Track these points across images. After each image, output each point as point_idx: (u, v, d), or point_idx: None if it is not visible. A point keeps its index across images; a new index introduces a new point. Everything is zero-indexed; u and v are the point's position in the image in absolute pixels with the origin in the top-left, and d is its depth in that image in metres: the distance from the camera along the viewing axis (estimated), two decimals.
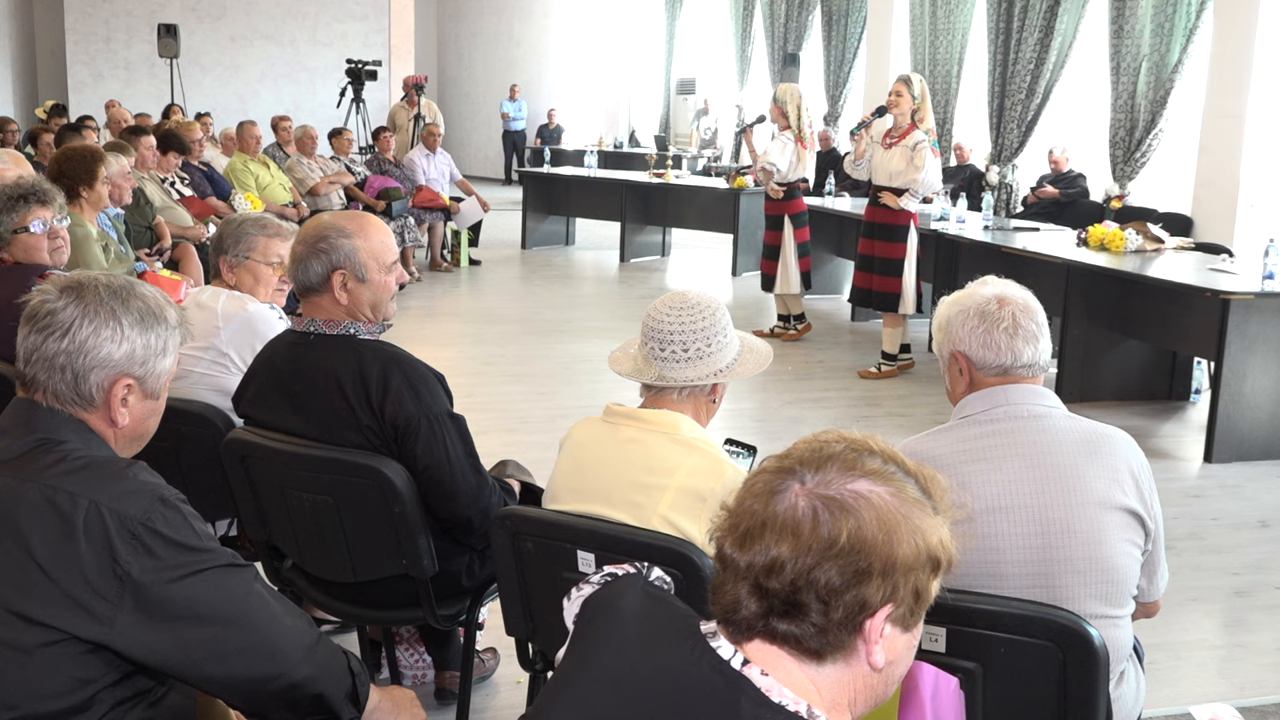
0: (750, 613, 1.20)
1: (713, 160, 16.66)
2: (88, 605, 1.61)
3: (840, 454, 1.23)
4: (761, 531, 1.19)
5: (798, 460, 1.23)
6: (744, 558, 1.19)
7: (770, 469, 1.24)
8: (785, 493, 1.20)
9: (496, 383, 6.85)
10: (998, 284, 2.29)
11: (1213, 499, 5.22)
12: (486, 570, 2.78)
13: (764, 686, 1.18)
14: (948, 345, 2.27)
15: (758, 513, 1.20)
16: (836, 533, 1.17)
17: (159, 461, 1.87)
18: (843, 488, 1.20)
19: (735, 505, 1.23)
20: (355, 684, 1.85)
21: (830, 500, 1.19)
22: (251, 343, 3.08)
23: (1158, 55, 9.20)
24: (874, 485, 1.21)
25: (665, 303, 2.35)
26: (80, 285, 1.78)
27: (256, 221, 3.34)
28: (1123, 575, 2.14)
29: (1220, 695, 3.46)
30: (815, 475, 1.21)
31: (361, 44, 18.20)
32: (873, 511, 1.18)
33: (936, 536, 1.22)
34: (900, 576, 1.19)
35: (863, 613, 1.18)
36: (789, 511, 1.19)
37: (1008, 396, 2.19)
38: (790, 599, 1.18)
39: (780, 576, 1.17)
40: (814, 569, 1.17)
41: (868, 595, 1.18)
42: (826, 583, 1.17)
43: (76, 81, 17.43)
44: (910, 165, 6.79)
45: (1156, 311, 6.31)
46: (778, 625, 1.19)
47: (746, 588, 1.19)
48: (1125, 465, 2.16)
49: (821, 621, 1.18)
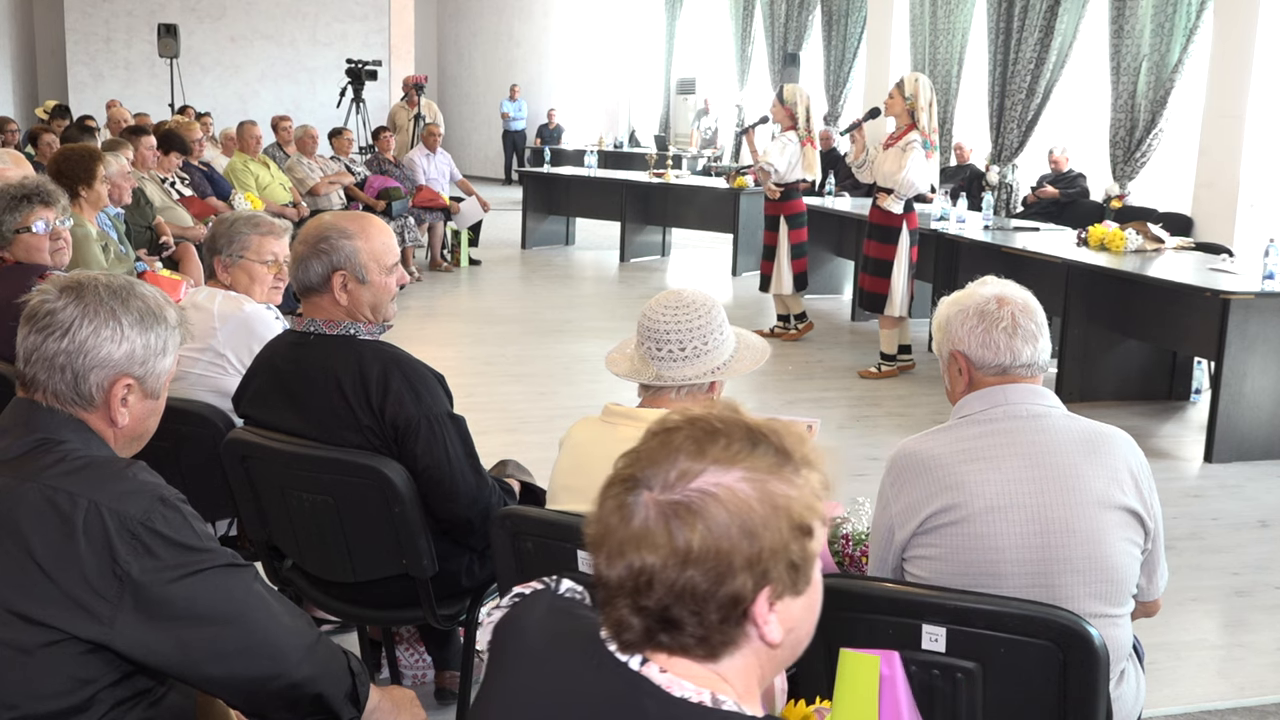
0: (636, 633, 1.19)
1: (713, 160, 16.66)
2: (87, 605, 1.61)
3: (683, 445, 1.19)
4: (623, 550, 1.17)
5: (645, 462, 1.19)
6: (614, 576, 1.18)
7: (621, 476, 1.21)
8: (637, 505, 1.17)
9: (496, 383, 6.85)
10: (997, 284, 2.29)
11: (1213, 499, 5.22)
12: (486, 570, 2.78)
13: (663, 683, 1.17)
14: (947, 345, 2.28)
15: (615, 529, 1.18)
16: (689, 540, 1.15)
17: (159, 461, 1.86)
18: (687, 489, 1.16)
19: (597, 522, 1.21)
20: (355, 684, 1.85)
21: (678, 506, 1.16)
22: (248, 343, 3.08)
23: (1158, 55, 9.20)
24: (722, 475, 1.17)
25: (660, 302, 2.34)
26: (80, 285, 1.78)
27: (249, 220, 3.33)
28: (1122, 574, 2.14)
29: (1220, 695, 3.47)
30: (662, 478, 1.17)
31: (361, 44, 18.21)
32: (721, 508, 1.15)
33: (801, 501, 1.19)
34: (767, 562, 1.17)
35: (738, 607, 1.17)
36: (643, 525, 1.16)
37: (1007, 396, 2.19)
38: (664, 616, 1.17)
39: (651, 594, 1.16)
40: (676, 581, 1.15)
41: (737, 590, 1.16)
42: (692, 591, 1.15)
43: (76, 81, 17.44)
44: (897, 166, 6.82)
45: (1156, 311, 6.31)
46: (662, 639, 1.18)
47: (627, 607, 1.18)
48: (1125, 464, 2.16)
49: (700, 631, 1.17)
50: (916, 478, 2.16)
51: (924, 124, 6.79)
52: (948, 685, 1.97)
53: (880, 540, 2.25)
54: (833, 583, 2.13)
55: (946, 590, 2.03)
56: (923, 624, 1.96)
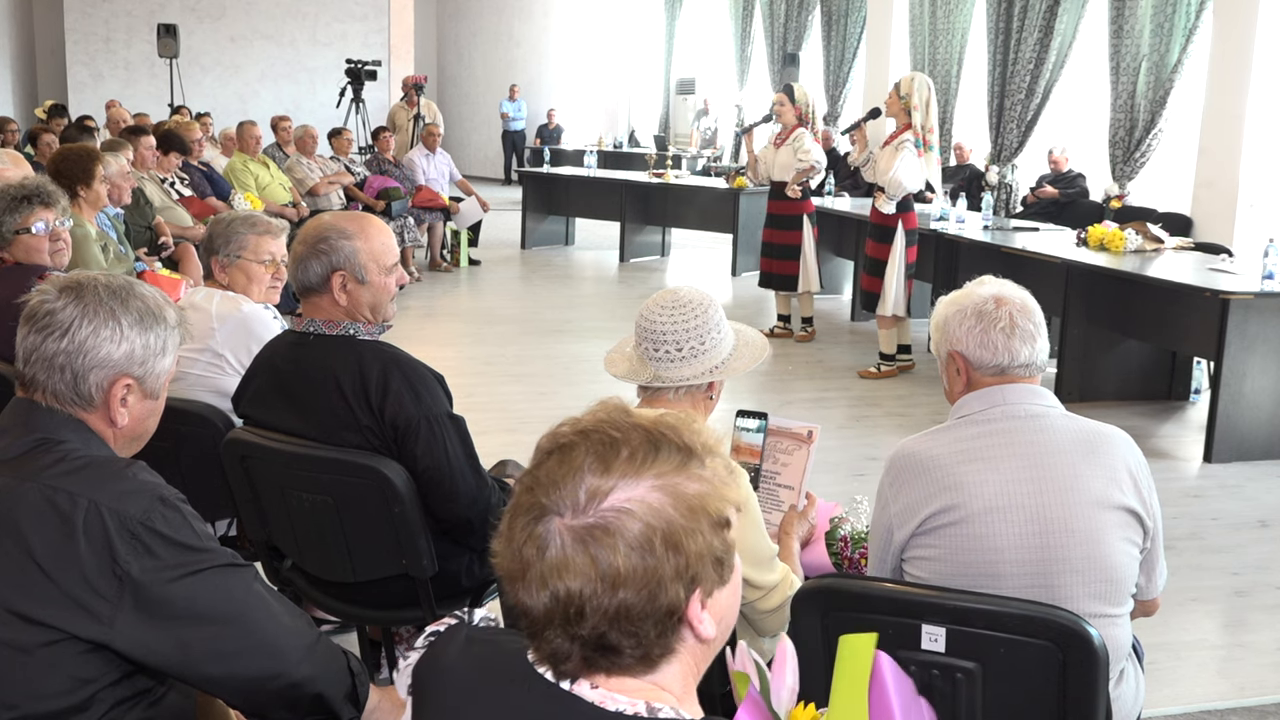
0: (574, 663, 1.16)
1: (712, 160, 16.65)
2: (87, 605, 1.61)
3: (585, 461, 1.15)
4: (544, 580, 1.13)
5: (547, 486, 1.15)
6: (538, 606, 1.15)
7: (524, 505, 1.16)
8: (550, 533, 1.13)
9: (496, 383, 6.85)
10: (995, 284, 2.29)
11: (1212, 499, 5.22)
12: (486, 570, 2.78)
13: (596, 699, 1.15)
14: (945, 345, 2.27)
15: (531, 561, 1.14)
16: (614, 562, 1.11)
17: (159, 461, 1.86)
18: (600, 509, 1.13)
19: (509, 555, 1.16)
20: (355, 684, 1.85)
21: (594, 529, 1.12)
22: (247, 343, 3.08)
23: (1157, 55, 9.20)
24: (632, 488, 1.13)
25: (657, 302, 2.34)
26: (79, 285, 1.78)
27: (246, 220, 3.33)
28: (1122, 574, 2.14)
29: (1220, 695, 3.47)
30: (570, 501, 1.13)
31: (361, 44, 18.21)
32: (640, 523, 1.12)
33: (715, 495, 1.16)
34: (695, 566, 1.15)
35: (673, 617, 1.15)
36: (560, 555, 1.12)
37: (1005, 396, 2.19)
38: (601, 642, 1.14)
39: (584, 623, 1.13)
40: (609, 605, 1.12)
41: (670, 602, 1.14)
42: (627, 612, 1.12)
43: (76, 81, 17.43)
44: (888, 165, 6.83)
45: (1156, 311, 6.31)
46: (601, 661, 1.16)
47: (560, 637, 1.15)
48: (1123, 464, 2.16)
49: (639, 650, 1.15)
50: (915, 478, 2.16)
51: (918, 123, 6.78)
52: (947, 685, 1.97)
53: (879, 540, 2.25)
54: (833, 583, 2.14)
55: (946, 590, 2.03)
56: (922, 624, 1.96)
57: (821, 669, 1.84)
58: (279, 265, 3.32)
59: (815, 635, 1.99)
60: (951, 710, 1.96)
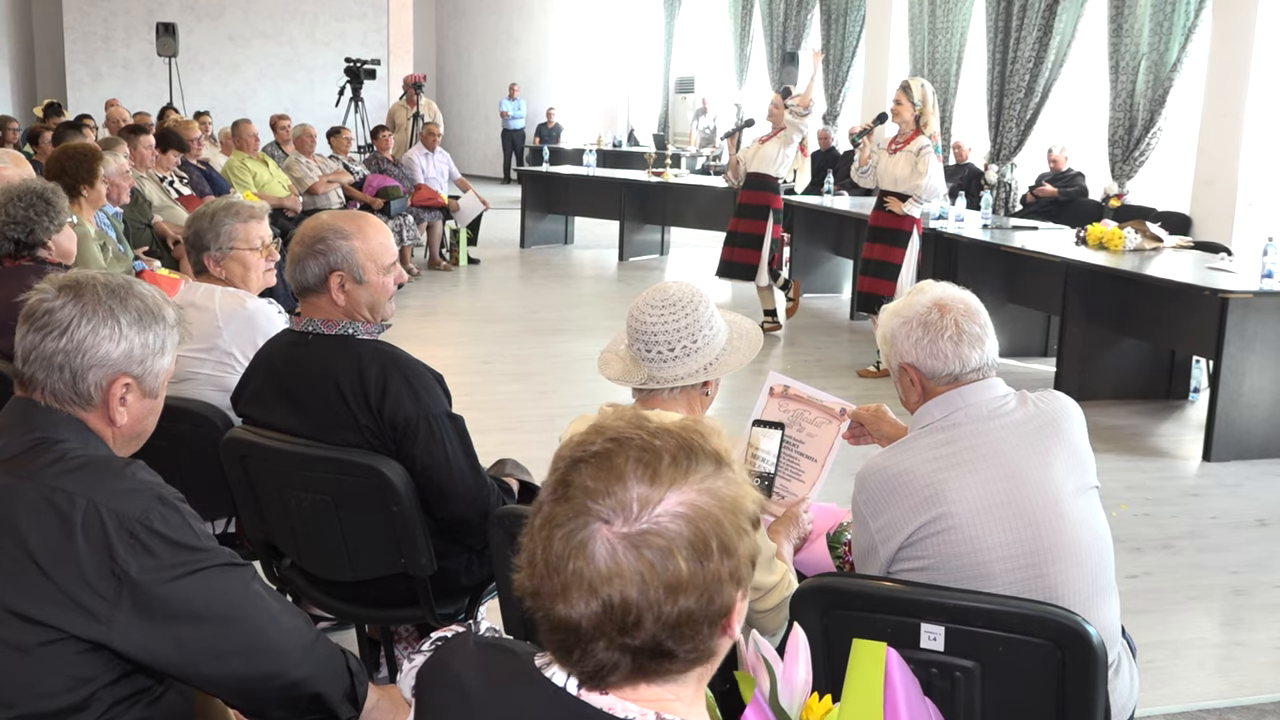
0: (624, 672, 1.15)
1: (712, 159, 16.65)
2: (86, 604, 1.61)
3: (630, 468, 1.13)
4: (594, 591, 1.11)
5: (589, 493, 1.13)
6: (584, 616, 1.12)
7: (560, 514, 1.14)
8: (596, 539, 1.11)
9: (495, 382, 6.85)
10: (935, 289, 2.30)
11: (1211, 498, 5.22)
12: (485, 569, 2.78)
13: (605, 705, 1.15)
14: (895, 358, 2.29)
15: (580, 569, 1.12)
16: (676, 569, 1.11)
17: (157, 460, 1.86)
18: (654, 515, 1.12)
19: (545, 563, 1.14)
20: (354, 683, 1.85)
21: (650, 536, 1.11)
22: (254, 339, 3.06)
23: (1156, 54, 9.21)
24: (682, 494, 1.13)
25: (646, 300, 2.33)
26: (78, 284, 1.77)
27: (228, 209, 3.25)
28: (1108, 552, 2.20)
29: (1218, 694, 3.47)
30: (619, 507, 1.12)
31: (360, 43, 18.20)
32: (692, 526, 1.12)
33: (747, 497, 1.17)
34: (744, 568, 1.15)
35: (725, 617, 1.16)
36: (612, 561, 1.11)
37: (964, 398, 2.21)
38: (656, 650, 1.13)
39: (640, 631, 1.11)
40: (669, 613, 1.12)
41: (725, 602, 1.14)
42: (689, 618, 1.12)
43: (75, 80, 17.43)
44: (914, 171, 6.77)
45: (1155, 310, 6.31)
46: (651, 668, 1.15)
47: (610, 648, 1.13)
48: (1081, 440, 2.21)
49: (694, 654, 1.15)
50: (892, 494, 2.16)
51: (935, 128, 6.80)
52: (946, 684, 1.97)
53: (863, 556, 2.25)
54: (833, 582, 2.15)
55: (945, 589, 2.04)
56: (921, 623, 1.97)
57: (820, 668, 1.85)
58: (270, 248, 3.29)
59: (815, 634, 1.99)
60: (950, 709, 1.96)
